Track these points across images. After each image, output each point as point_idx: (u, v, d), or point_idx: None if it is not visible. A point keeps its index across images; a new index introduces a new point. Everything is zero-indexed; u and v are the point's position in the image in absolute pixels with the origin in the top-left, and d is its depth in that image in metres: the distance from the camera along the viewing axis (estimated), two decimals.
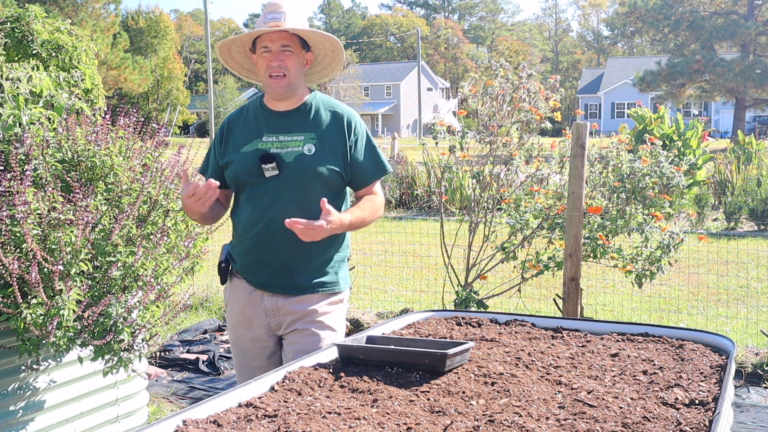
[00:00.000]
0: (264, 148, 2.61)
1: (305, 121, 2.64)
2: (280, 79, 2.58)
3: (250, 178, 2.60)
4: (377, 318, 5.85)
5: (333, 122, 2.65)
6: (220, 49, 2.71)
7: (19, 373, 2.95)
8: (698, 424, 1.76)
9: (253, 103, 2.75)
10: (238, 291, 2.74)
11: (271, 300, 2.68)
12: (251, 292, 2.70)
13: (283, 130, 2.63)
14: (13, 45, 3.82)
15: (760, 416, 4.20)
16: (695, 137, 13.73)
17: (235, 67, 2.79)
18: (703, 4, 36.84)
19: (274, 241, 2.60)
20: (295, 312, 2.67)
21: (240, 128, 2.69)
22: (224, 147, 2.69)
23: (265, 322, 2.70)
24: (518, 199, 5.07)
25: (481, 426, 1.76)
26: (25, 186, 2.60)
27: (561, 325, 2.72)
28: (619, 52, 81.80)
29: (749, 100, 36.91)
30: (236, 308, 2.75)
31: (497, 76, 5.03)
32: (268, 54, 2.58)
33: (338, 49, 2.72)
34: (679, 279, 7.35)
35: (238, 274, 2.73)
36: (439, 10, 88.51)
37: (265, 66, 2.59)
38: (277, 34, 2.56)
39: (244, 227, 2.66)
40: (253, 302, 2.70)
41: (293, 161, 2.58)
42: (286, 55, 2.58)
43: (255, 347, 2.75)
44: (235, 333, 2.80)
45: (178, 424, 1.76)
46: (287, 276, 2.65)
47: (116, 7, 37.49)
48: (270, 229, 2.59)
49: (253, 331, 2.73)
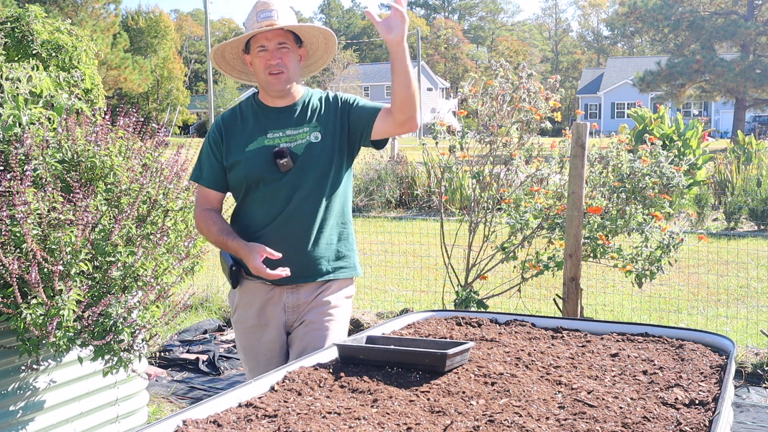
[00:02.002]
0: (271, 144, 2.62)
1: (305, 112, 2.68)
2: (280, 76, 2.60)
3: (265, 175, 2.60)
4: (377, 318, 5.85)
5: (326, 106, 2.69)
6: (215, 53, 2.72)
7: (19, 373, 2.95)
8: (698, 424, 1.76)
9: (247, 103, 2.74)
10: (254, 293, 2.71)
11: (291, 296, 2.68)
12: (270, 291, 2.68)
13: (287, 125, 2.65)
14: (13, 45, 3.82)
15: (760, 416, 4.20)
16: (695, 137, 13.73)
17: (227, 69, 2.79)
18: (703, 4, 36.84)
19: (295, 232, 2.62)
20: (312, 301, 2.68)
21: (239, 128, 2.68)
22: (225, 148, 2.67)
23: (283, 320, 2.70)
24: (518, 199, 5.07)
25: (481, 426, 1.76)
26: (25, 186, 2.60)
27: (561, 325, 2.72)
28: (619, 52, 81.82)
29: (749, 100, 36.91)
30: (251, 312, 2.71)
31: (497, 76, 5.03)
32: (265, 53, 2.59)
33: (331, 40, 2.73)
34: (679, 279, 7.35)
35: (250, 276, 2.68)
36: (439, 10, 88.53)
37: (264, 65, 2.59)
38: (272, 32, 2.57)
39: (259, 225, 2.65)
40: (270, 302, 2.69)
41: (304, 152, 2.61)
42: (283, 53, 2.60)
43: (270, 349, 2.73)
44: (248, 338, 2.76)
45: (178, 424, 1.76)
46: (310, 265, 2.65)
47: (116, 7, 37.53)
48: (292, 222, 2.61)
49: (269, 333, 2.71)
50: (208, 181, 2.70)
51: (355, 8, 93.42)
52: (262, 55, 2.59)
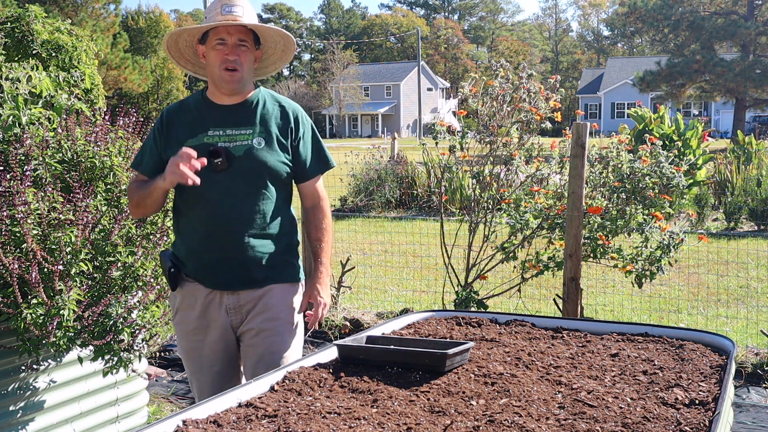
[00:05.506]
0: (210, 142, 2.54)
1: (252, 114, 2.60)
2: (234, 73, 2.53)
3: (198, 174, 2.45)
4: (377, 318, 5.85)
5: (280, 116, 2.63)
6: (169, 38, 2.64)
7: (19, 373, 2.95)
8: (698, 424, 1.76)
9: (195, 97, 2.68)
10: (193, 296, 2.62)
11: (231, 298, 2.60)
12: (209, 294, 2.61)
13: (230, 124, 2.57)
14: (13, 45, 3.82)
15: (760, 416, 4.20)
16: (695, 137, 13.73)
17: (177, 56, 2.71)
18: (703, 4, 36.81)
19: (229, 237, 2.53)
20: (255, 307, 2.61)
21: (182, 121, 2.60)
22: (165, 140, 2.59)
23: (226, 321, 2.62)
24: (518, 199, 5.07)
25: (481, 426, 1.76)
26: (25, 186, 2.60)
27: (561, 325, 2.72)
28: (619, 52, 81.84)
29: (749, 100, 36.89)
30: (192, 314, 2.63)
31: (497, 77, 5.03)
32: (223, 47, 2.52)
33: (290, 47, 2.70)
34: (679, 279, 7.35)
35: (190, 278, 2.61)
36: (439, 10, 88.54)
37: (221, 59, 2.52)
38: (235, 27, 2.52)
39: (194, 226, 2.58)
40: (212, 304, 2.61)
41: (243, 155, 2.53)
42: (241, 50, 2.54)
43: (213, 352, 2.65)
44: (190, 340, 2.66)
45: (178, 424, 1.76)
46: (246, 271, 2.58)
47: (116, 7, 37.48)
48: (224, 226, 2.53)
49: (212, 335, 2.63)
50: (147, 169, 2.61)
51: (355, 8, 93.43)
52: (220, 48, 2.52)
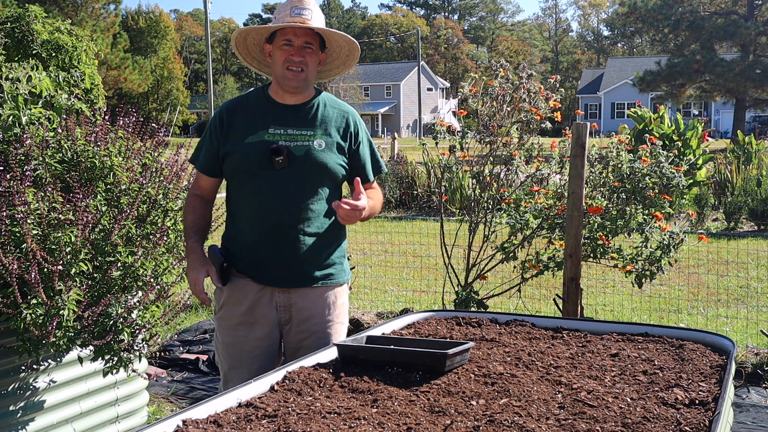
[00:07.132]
0: (271, 140, 2.59)
1: (314, 116, 2.67)
2: (299, 74, 2.60)
3: (258, 170, 2.57)
4: (377, 318, 5.85)
5: (339, 120, 2.70)
6: (238, 36, 2.71)
7: (19, 373, 2.95)
8: (698, 424, 1.76)
9: (255, 94, 2.73)
10: (242, 291, 2.66)
11: (283, 296, 2.65)
12: (259, 291, 2.65)
13: (291, 124, 2.63)
14: (13, 45, 3.82)
15: (760, 416, 4.19)
16: (695, 137, 13.73)
17: (244, 54, 2.78)
18: (703, 4, 36.80)
19: (285, 234, 2.59)
20: (307, 308, 2.66)
21: (242, 118, 2.66)
22: (224, 136, 2.65)
23: (275, 318, 2.66)
24: (518, 199, 5.07)
25: (481, 426, 1.76)
26: (25, 186, 2.60)
27: (561, 325, 2.72)
28: (619, 52, 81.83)
29: (749, 100, 36.87)
30: (238, 310, 2.67)
31: (497, 77, 5.03)
32: (289, 47, 2.59)
33: (354, 53, 2.76)
34: (679, 279, 7.35)
35: (240, 273, 2.67)
36: (439, 10, 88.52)
37: (285, 58, 2.59)
38: (302, 30, 2.58)
39: (251, 221, 2.63)
40: (261, 301, 2.65)
41: (303, 155, 2.59)
42: (307, 52, 2.60)
43: (256, 348, 2.68)
44: (233, 335, 2.70)
45: (178, 424, 1.76)
46: (299, 269, 2.63)
47: (116, 7, 37.48)
48: (281, 222, 2.58)
49: (258, 331, 2.67)
50: (202, 165, 2.70)
51: (355, 8, 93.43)
52: (286, 48, 2.59)
